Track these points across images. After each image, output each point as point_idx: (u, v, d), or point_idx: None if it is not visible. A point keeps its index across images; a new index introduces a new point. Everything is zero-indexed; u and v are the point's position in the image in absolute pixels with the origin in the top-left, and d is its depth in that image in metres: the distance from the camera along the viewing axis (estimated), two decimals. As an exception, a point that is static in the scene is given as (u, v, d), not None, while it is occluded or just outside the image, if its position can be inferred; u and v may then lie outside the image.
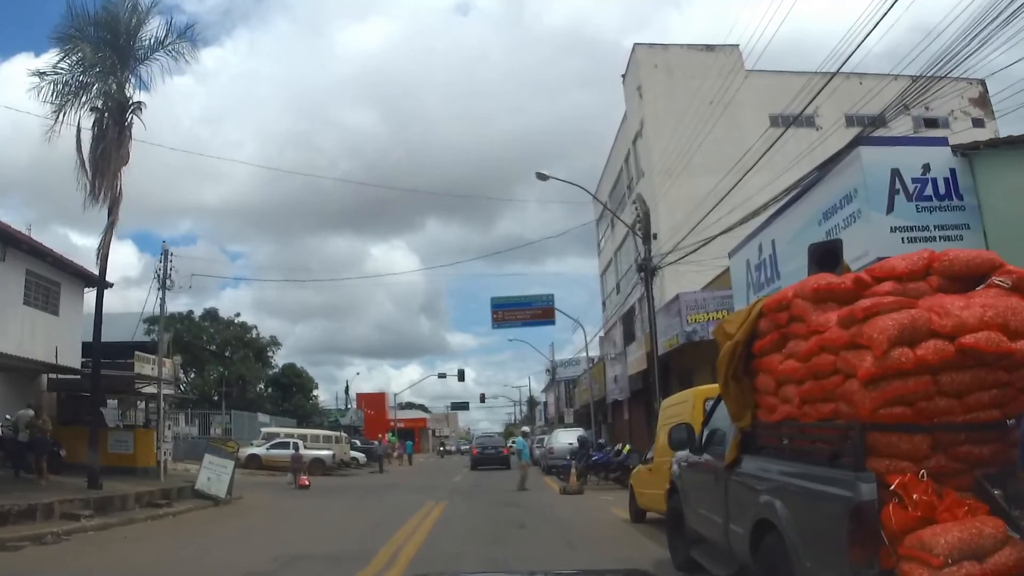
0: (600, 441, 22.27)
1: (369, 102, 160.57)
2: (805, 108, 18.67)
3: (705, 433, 7.33)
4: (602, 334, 44.57)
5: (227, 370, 54.12)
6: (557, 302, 40.81)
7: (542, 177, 22.51)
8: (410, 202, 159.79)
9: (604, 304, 44.81)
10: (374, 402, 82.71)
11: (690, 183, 27.96)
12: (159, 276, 23.05)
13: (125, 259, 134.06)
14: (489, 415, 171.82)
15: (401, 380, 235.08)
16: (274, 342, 58.07)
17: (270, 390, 59.21)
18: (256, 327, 56.94)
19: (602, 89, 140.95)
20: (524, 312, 37.45)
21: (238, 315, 56.98)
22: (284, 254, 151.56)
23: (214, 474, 19.92)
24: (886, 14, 11.19)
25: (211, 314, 56.28)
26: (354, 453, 43.87)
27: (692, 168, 28.19)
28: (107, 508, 15.73)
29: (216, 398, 53.31)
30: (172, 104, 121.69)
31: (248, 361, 54.85)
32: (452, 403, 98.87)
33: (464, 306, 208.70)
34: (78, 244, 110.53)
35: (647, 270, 21.73)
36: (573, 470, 19.09)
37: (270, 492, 23.57)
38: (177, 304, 54.80)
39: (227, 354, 55.38)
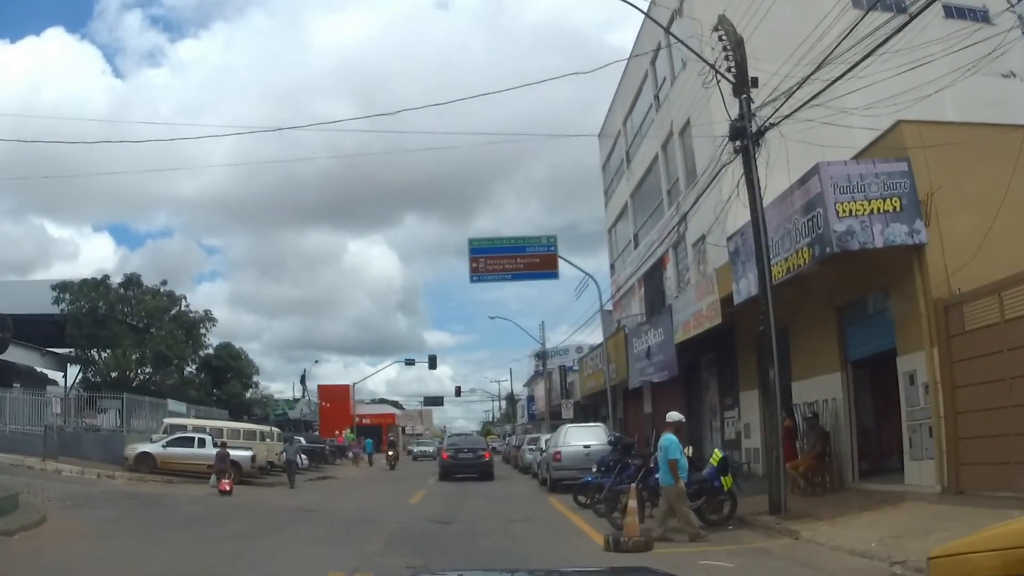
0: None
1: (347, 95, 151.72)
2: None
3: None
4: (609, 307, 35.14)
5: (147, 348, 43.97)
6: (539, 300, 29.80)
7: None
8: (388, 197, 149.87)
9: (612, 267, 35.30)
10: (336, 395, 72.60)
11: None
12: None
13: (101, 252, 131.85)
14: (466, 412, 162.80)
15: (376, 377, 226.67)
16: (208, 317, 47.80)
17: (203, 375, 48.99)
18: (185, 297, 46.71)
19: (582, 83, 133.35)
20: (515, 260, 27.02)
21: (164, 283, 46.76)
22: (260, 248, 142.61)
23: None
24: None
25: (132, 281, 46.05)
26: (294, 454, 34.16)
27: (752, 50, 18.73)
28: None
29: (135, 383, 43.61)
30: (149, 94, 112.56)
31: (173, 338, 44.69)
32: (425, 398, 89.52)
33: (441, 304, 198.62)
34: (55, 235, 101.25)
35: (748, 136, 12.23)
36: (631, 504, 9.48)
37: (117, 512, 15.13)
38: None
39: (152, 330, 45.36)
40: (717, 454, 11.59)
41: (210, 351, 48.59)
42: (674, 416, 11.44)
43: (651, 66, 27.60)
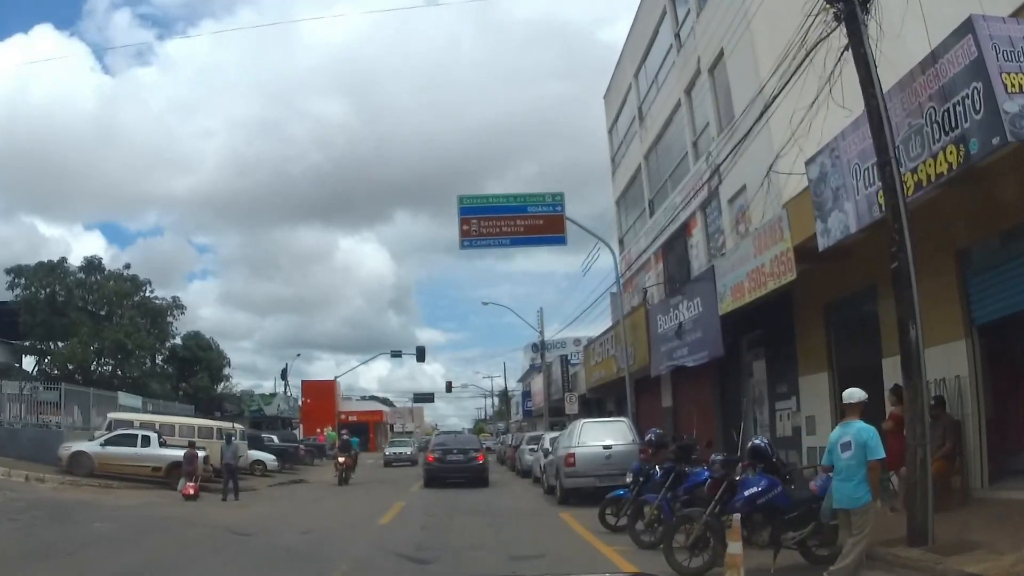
0: (760, 443, 8.42)
1: (338, 92, 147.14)
2: None
3: None
4: (615, 289, 31.21)
5: (106, 337, 39.92)
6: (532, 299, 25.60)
7: None
8: (379, 194, 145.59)
9: (622, 243, 31.40)
10: (321, 391, 68.71)
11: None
12: None
13: (92, 250, 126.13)
14: (458, 410, 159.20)
15: (369, 375, 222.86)
16: (176, 305, 43.90)
17: (168, 367, 44.94)
18: (150, 282, 42.74)
19: (575, 80, 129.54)
20: (514, 223, 22.33)
21: (128, 267, 42.81)
22: (252, 246, 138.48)
23: None
24: None
25: (93, 264, 42.18)
26: (260, 455, 30.27)
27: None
28: None
29: (96, 375, 39.73)
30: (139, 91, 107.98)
31: (134, 326, 40.72)
32: (415, 394, 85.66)
33: (433, 302, 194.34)
34: (46, 234, 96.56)
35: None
36: (733, 550, 5.62)
37: (6, 529, 12.30)
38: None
39: (113, 318, 41.46)
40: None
41: (177, 341, 44.79)
42: (857, 394, 7.35)
43: (669, 1, 23.75)
